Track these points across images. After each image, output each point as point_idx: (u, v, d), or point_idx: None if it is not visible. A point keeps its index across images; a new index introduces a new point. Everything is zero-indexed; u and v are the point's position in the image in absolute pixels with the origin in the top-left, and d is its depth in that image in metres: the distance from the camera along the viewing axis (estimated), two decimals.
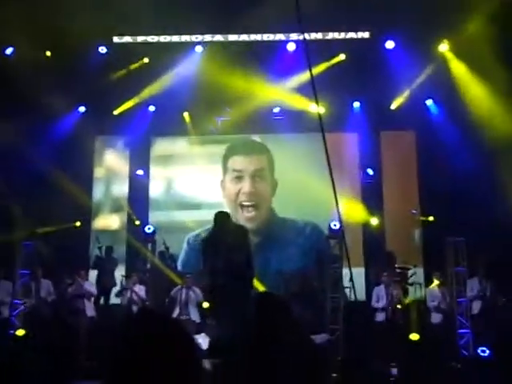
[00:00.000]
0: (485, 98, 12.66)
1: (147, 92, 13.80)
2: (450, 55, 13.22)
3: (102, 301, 12.24)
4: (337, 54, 13.44)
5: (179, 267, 13.14)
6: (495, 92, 12.36)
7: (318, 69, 12.42)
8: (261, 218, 13.88)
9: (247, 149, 14.50)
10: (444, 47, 13.16)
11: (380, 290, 11.22)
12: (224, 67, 12.39)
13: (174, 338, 1.60)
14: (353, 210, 12.89)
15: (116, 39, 13.41)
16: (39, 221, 12.31)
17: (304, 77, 12.10)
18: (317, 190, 11.65)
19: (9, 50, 12.99)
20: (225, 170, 14.30)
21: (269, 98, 13.51)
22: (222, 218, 8.67)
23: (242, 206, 13.86)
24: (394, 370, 8.96)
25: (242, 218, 13.62)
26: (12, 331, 10.84)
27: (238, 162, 14.28)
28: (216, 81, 12.63)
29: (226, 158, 14.33)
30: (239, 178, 14.11)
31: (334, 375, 7.05)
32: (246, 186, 14.01)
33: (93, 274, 12.58)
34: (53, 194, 12.23)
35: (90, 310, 11.44)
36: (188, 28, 13.11)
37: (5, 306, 11.33)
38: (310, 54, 7.52)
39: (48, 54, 12.99)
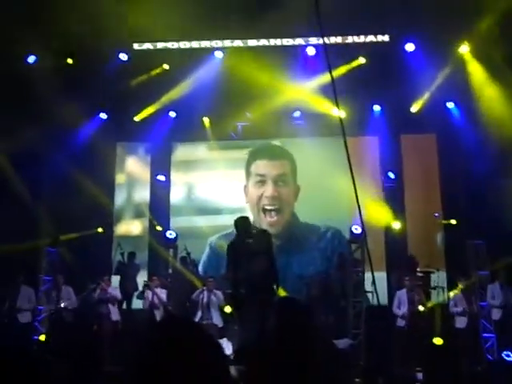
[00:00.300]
0: (504, 101, 12.53)
1: (167, 98, 13.83)
2: (469, 57, 13.09)
3: (124, 306, 12.30)
4: (356, 58, 13.37)
5: (201, 271, 13.18)
6: None
7: (338, 72, 12.36)
8: (283, 223, 13.85)
9: (270, 153, 14.47)
10: (464, 49, 13.00)
11: (402, 295, 11.11)
12: (244, 72, 12.39)
13: (199, 342, 1.59)
14: (375, 214, 12.80)
15: (136, 46, 13.44)
16: (62, 227, 12.41)
17: (324, 80, 12.08)
18: (338, 194, 11.63)
19: (31, 59, 13.11)
20: (248, 174, 14.32)
21: (289, 102, 13.48)
22: (242, 222, 8.74)
23: (265, 210, 13.85)
24: (419, 375, 8.88)
25: (265, 222, 13.62)
26: (35, 336, 10.95)
27: (261, 166, 14.28)
28: (236, 86, 12.67)
29: (249, 163, 14.35)
30: (262, 183, 14.10)
31: (357, 380, 7.00)
32: (268, 190, 14.00)
33: (115, 280, 12.66)
34: (75, 200, 12.31)
35: (114, 314, 11.53)
36: (208, 34, 13.13)
37: (23, 313, 11.16)
38: (329, 57, 7.49)
39: (69, 61, 13.06)
